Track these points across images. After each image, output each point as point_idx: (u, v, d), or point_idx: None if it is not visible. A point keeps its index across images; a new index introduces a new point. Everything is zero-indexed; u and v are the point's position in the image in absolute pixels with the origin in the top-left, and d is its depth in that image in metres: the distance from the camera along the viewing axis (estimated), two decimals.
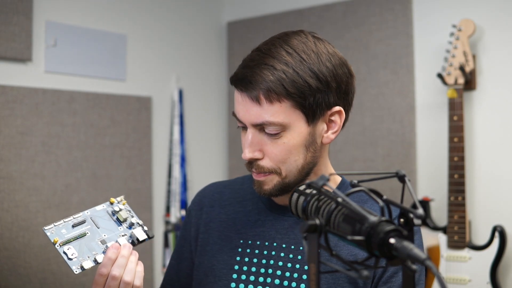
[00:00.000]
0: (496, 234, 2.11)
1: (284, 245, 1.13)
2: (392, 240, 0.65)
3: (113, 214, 1.10)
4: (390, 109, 2.48)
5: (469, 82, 2.26)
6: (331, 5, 2.65)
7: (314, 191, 0.80)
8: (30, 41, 2.16)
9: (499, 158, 2.26)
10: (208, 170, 2.90)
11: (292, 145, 1.06)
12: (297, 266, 1.11)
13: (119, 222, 1.09)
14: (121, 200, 1.13)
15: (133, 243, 1.07)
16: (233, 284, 1.12)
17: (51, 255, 2.18)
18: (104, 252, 1.03)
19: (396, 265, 0.67)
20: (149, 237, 1.09)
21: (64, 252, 1.01)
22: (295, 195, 0.84)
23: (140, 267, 1.03)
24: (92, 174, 2.34)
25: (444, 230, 2.20)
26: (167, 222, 2.64)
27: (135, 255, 1.03)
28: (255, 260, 1.13)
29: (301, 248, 1.12)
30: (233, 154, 2.95)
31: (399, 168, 2.07)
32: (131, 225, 1.10)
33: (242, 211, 1.21)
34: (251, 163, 1.09)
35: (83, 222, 1.07)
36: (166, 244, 2.62)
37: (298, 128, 1.06)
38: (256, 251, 1.14)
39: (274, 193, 1.10)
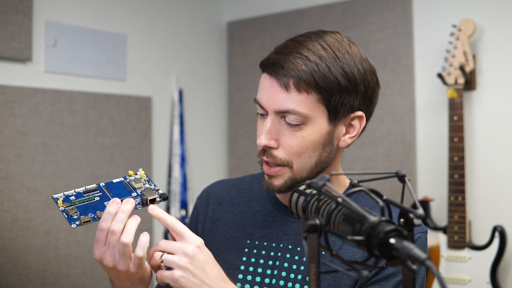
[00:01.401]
0: (496, 234, 2.11)
1: (290, 246, 1.13)
2: (392, 240, 0.65)
3: (129, 184, 1.07)
4: (390, 109, 2.48)
5: (469, 82, 2.25)
6: (331, 5, 2.65)
7: (314, 191, 0.79)
8: (30, 41, 2.16)
9: (499, 158, 2.26)
10: (208, 170, 2.90)
11: (310, 140, 1.06)
12: (302, 268, 1.10)
13: (135, 189, 1.06)
14: (140, 172, 1.09)
15: (142, 204, 1.02)
16: (238, 284, 1.12)
17: (51, 255, 2.18)
18: None
19: (396, 265, 0.67)
20: (162, 198, 1.04)
21: (66, 212, 0.99)
22: (295, 195, 0.84)
23: (146, 237, 0.98)
24: (92, 174, 2.34)
25: (444, 230, 2.20)
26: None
27: (135, 218, 0.98)
28: (261, 261, 1.13)
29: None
30: (233, 154, 2.94)
31: (399, 168, 2.07)
32: (145, 190, 1.06)
33: (249, 211, 1.20)
34: (265, 151, 1.07)
35: (94, 189, 1.04)
36: (166, 238, 2.62)
37: (319, 124, 1.06)
38: (263, 252, 1.14)
39: (283, 189, 1.09)
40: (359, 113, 1.09)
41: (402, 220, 0.74)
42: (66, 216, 0.99)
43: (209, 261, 0.99)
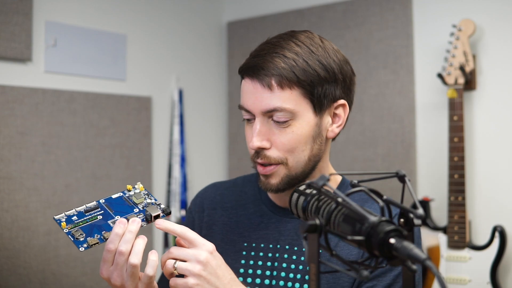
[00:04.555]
0: (496, 234, 2.11)
1: (287, 247, 1.13)
2: (392, 240, 0.65)
3: (130, 199, 1.07)
4: (390, 109, 2.48)
5: (469, 82, 2.25)
6: (331, 5, 2.65)
7: (314, 191, 0.79)
8: (30, 41, 2.16)
9: (499, 158, 2.26)
10: (208, 170, 2.90)
11: (300, 134, 1.08)
12: (301, 267, 1.11)
13: (135, 205, 1.06)
14: (138, 186, 1.09)
15: (147, 220, 1.03)
16: None
17: (51, 255, 2.18)
18: None
19: (396, 265, 0.67)
20: (165, 213, 1.04)
21: (71, 235, 0.99)
22: (295, 195, 0.84)
23: (155, 256, 0.98)
24: (92, 174, 2.34)
25: (444, 230, 2.20)
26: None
27: (143, 239, 0.98)
28: (260, 262, 1.14)
29: (304, 249, 1.12)
30: (233, 154, 2.94)
31: (399, 168, 2.07)
32: (147, 205, 1.05)
33: (244, 214, 1.20)
34: (258, 153, 1.09)
35: (96, 208, 1.04)
36: (166, 244, 2.62)
37: (307, 117, 1.08)
38: (261, 254, 1.14)
39: (281, 187, 1.10)
40: (342, 101, 1.13)
41: (402, 220, 0.74)
42: (72, 239, 0.99)
43: (221, 265, 1.00)
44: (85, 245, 0.98)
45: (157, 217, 1.03)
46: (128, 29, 2.55)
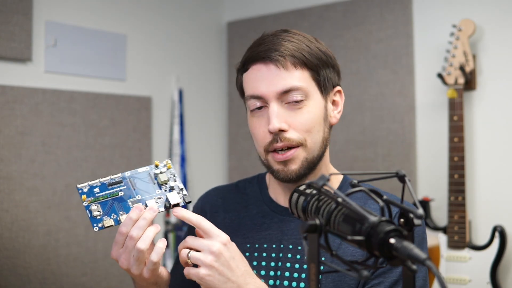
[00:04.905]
0: (496, 234, 2.11)
1: (291, 246, 1.13)
2: (392, 240, 0.65)
3: (155, 177, 1.06)
4: (390, 109, 2.48)
5: (469, 82, 2.25)
6: (331, 5, 2.65)
7: (314, 191, 0.79)
8: (30, 41, 2.16)
9: (499, 158, 2.26)
10: (208, 170, 2.90)
11: (315, 113, 1.10)
12: (305, 266, 1.11)
13: (159, 185, 1.05)
14: (167, 164, 1.09)
15: (165, 207, 1.03)
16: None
17: (51, 255, 2.18)
18: None
19: (397, 265, 0.67)
20: (186, 202, 1.04)
21: (89, 210, 1.00)
22: (295, 195, 0.84)
23: (162, 243, 0.99)
24: (92, 174, 2.34)
25: (444, 230, 2.20)
26: (167, 222, 2.64)
27: (156, 227, 0.99)
28: (263, 263, 1.14)
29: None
30: (233, 154, 2.94)
31: (399, 168, 2.07)
32: (170, 189, 1.05)
33: (246, 215, 1.21)
34: (277, 137, 1.08)
35: (119, 182, 1.04)
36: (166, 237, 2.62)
37: (317, 98, 1.12)
38: (264, 254, 1.14)
39: (302, 172, 1.11)
40: (339, 87, 1.17)
41: (402, 220, 0.74)
42: (89, 215, 1.00)
43: (235, 257, 1.00)
44: (100, 225, 0.99)
45: (176, 205, 1.03)
46: (128, 29, 2.55)
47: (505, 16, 2.26)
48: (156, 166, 1.08)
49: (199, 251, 0.99)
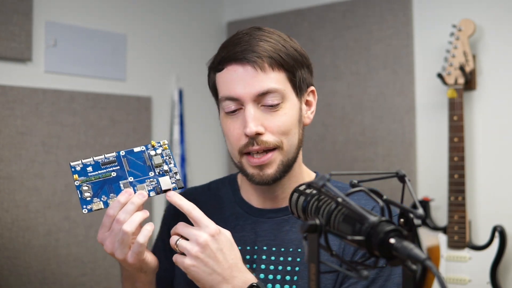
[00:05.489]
0: (496, 234, 2.11)
1: (265, 248, 1.12)
2: (392, 240, 0.65)
3: (150, 158, 1.05)
4: (390, 109, 2.48)
5: (469, 82, 2.25)
6: (331, 5, 2.65)
7: (314, 191, 0.80)
8: (30, 41, 2.16)
9: (499, 158, 2.26)
10: (208, 170, 2.90)
11: (291, 116, 1.08)
12: (280, 267, 1.10)
13: (153, 167, 1.04)
14: (164, 144, 1.07)
15: (156, 192, 1.02)
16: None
17: (51, 255, 2.18)
18: None
19: (396, 265, 0.67)
20: (178, 187, 1.04)
21: (80, 190, 1.00)
22: (295, 195, 0.84)
23: (150, 226, 0.99)
24: None
25: (444, 230, 2.20)
26: None
27: (144, 212, 0.99)
28: None
29: (282, 249, 1.11)
30: None
31: (399, 168, 2.07)
32: (164, 172, 1.04)
33: (220, 218, 1.19)
34: (253, 140, 1.06)
35: (113, 162, 1.03)
36: None
37: (293, 100, 1.10)
38: None
39: (278, 176, 1.09)
40: (312, 87, 1.15)
41: (402, 220, 0.74)
42: (79, 196, 0.99)
43: (223, 249, 0.99)
44: (89, 207, 0.99)
45: (167, 191, 1.03)
46: (128, 29, 2.55)
47: (505, 16, 2.26)
48: (153, 147, 1.07)
49: (187, 239, 0.99)
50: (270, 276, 1.10)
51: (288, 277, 1.09)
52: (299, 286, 1.07)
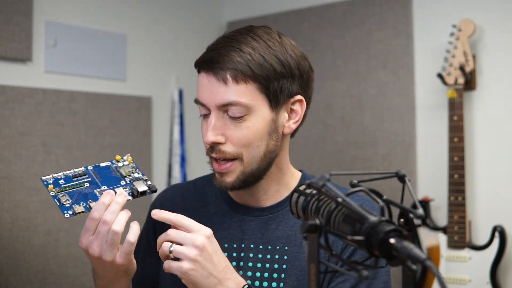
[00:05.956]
0: (496, 234, 2.11)
1: (252, 245, 1.13)
2: (392, 240, 0.65)
3: (118, 170, 1.07)
4: (390, 109, 2.48)
5: (469, 82, 2.25)
6: (331, 5, 2.65)
7: (314, 191, 0.79)
8: (30, 41, 2.16)
9: (499, 158, 2.26)
10: (208, 170, 2.89)
11: (256, 130, 1.06)
12: (267, 265, 1.10)
13: (123, 177, 1.06)
14: (127, 158, 1.09)
15: (133, 195, 1.03)
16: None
17: (51, 255, 2.18)
18: None
19: (396, 265, 0.67)
20: (151, 191, 1.05)
21: (58, 198, 0.99)
22: (295, 195, 0.84)
23: (137, 225, 0.99)
24: None
25: (444, 230, 2.20)
26: None
27: (127, 212, 0.98)
28: None
29: (269, 247, 1.11)
30: None
31: (399, 168, 2.07)
32: (135, 179, 1.06)
33: (206, 215, 1.19)
34: (213, 148, 1.08)
35: (83, 174, 1.04)
36: None
37: (262, 112, 1.07)
38: (225, 254, 1.12)
39: (237, 185, 1.09)
40: (299, 97, 1.11)
41: (402, 220, 0.74)
42: (58, 203, 0.99)
43: (217, 251, 1.00)
44: (70, 212, 0.98)
45: (143, 193, 1.04)
46: (128, 29, 2.55)
47: (505, 16, 2.26)
48: (117, 161, 1.09)
49: (181, 245, 0.98)
50: (258, 274, 1.10)
51: (275, 275, 1.09)
52: (286, 284, 1.08)
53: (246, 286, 1.00)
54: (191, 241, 0.97)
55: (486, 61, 2.28)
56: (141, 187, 1.04)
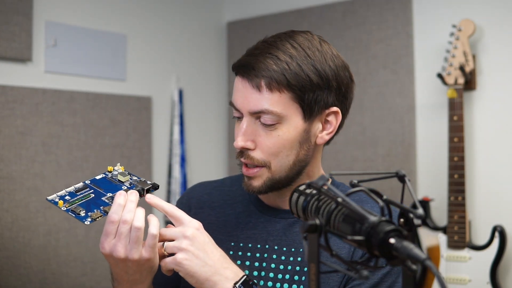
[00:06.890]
0: (496, 234, 2.11)
1: (276, 247, 1.12)
2: (392, 240, 0.65)
3: (115, 178, 1.08)
4: (390, 109, 2.48)
5: (469, 82, 2.26)
6: (331, 5, 2.65)
7: (314, 191, 0.79)
8: (30, 41, 2.16)
9: (499, 158, 2.26)
10: (208, 170, 2.90)
11: (286, 139, 1.06)
12: (289, 267, 1.10)
13: (122, 183, 1.07)
14: (120, 168, 1.11)
15: (140, 194, 1.03)
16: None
17: (51, 255, 2.18)
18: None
19: (396, 265, 0.67)
20: (154, 188, 1.05)
21: (72, 211, 1.00)
22: (295, 195, 0.84)
23: (154, 217, 0.99)
24: (92, 174, 2.33)
25: (444, 230, 2.20)
26: (167, 222, 2.64)
27: (142, 208, 0.98)
28: (247, 263, 1.12)
29: (293, 249, 1.11)
30: (233, 154, 2.94)
31: (399, 168, 2.07)
32: (134, 182, 1.07)
33: (232, 213, 1.19)
34: (242, 152, 1.08)
35: (85, 188, 1.05)
36: None
37: (295, 122, 1.06)
38: (248, 254, 1.13)
39: (263, 190, 1.09)
40: (334, 108, 1.10)
41: (402, 220, 0.74)
42: (74, 215, 1.00)
43: (209, 242, 1.00)
44: (89, 219, 0.99)
45: (148, 190, 1.05)
46: (128, 29, 2.55)
47: (505, 16, 2.26)
48: (110, 171, 1.10)
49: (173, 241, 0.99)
50: (279, 276, 1.10)
51: (296, 277, 1.09)
52: (306, 287, 1.07)
53: (245, 276, 1.00)
54: (181, 234, 0.98)
55: (486, 61, 2.28)
56: (145, 185, 1.05)
